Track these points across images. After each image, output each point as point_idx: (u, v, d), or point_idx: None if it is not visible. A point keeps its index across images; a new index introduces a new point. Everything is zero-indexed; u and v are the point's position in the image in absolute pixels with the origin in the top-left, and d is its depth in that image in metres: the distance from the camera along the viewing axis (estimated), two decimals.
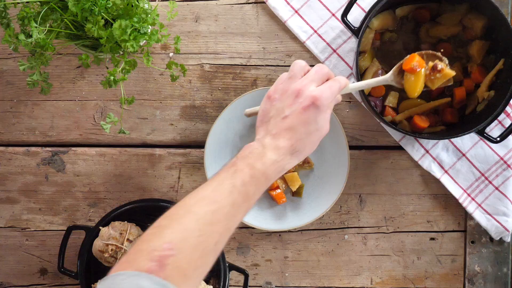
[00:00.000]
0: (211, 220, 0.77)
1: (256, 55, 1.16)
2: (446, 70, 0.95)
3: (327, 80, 0.89)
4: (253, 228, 1.15)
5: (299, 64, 0.89)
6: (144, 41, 1.00)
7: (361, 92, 1.05)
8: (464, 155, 1.16)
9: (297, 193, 1.15)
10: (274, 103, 0.87)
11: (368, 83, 0.97)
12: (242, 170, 0.81)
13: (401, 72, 0.97)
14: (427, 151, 1.15)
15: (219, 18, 1.16)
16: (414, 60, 0.94)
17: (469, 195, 1.16)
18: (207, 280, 1.11)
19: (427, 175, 1.17)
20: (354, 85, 0.95)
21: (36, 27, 0.93)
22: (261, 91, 1.12)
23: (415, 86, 0.96)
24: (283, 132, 0.84)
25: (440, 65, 0.95)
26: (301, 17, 1.15)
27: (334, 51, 1.15)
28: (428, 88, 0.97)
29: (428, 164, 1.15)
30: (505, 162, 1.15)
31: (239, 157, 0.83)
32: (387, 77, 0.97)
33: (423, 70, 0.95)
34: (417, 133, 1.09)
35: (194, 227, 0.75)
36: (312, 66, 0.90)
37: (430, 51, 0.97)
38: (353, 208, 1.17)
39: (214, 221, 0.77)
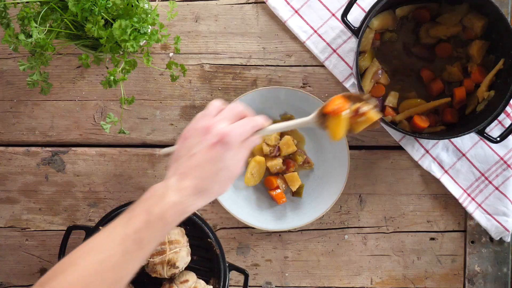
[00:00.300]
0: (96, 270, 0.73)
1: (256, 55, 1.16)
2: (370, 114, 0.87)
3: (242, 118, 0.84)
4: (253, 228, 1.15)
5: (214, 103, 0.86)
6: (144, 41, 1.00)
7: (361, 92, 1.05)
8: (464, 155, 1.16)
9: (297, 193, 1.15)
10: (185, 141, 0.83)
11: (289, 125, 0.90)
12: (137, 216, 0.77)
13: (324, 115, 0.88)
14: (427, 151, 1.16)
15: (219, 18, 1.16)
16: (336, 103, 0.86)
17: (469, 195, 1.16)
18: (207, 280, 1.11)
19: (427, 175, 1.17)
20: (274, 127, 0.88)
21: (36, 27, 0.93)
22: (261, 91, 1.12)
23: (337, 130, 0.87)
24: (189, 170, 0.80)
25: (364, 108, 0.87)
26: (301, 17, 1.15)
27: (334, 51, 1.15)
28: (352, 132, 0.89)
29: (428, 164, 1.15)
30: (505, 162, 1.15)
31: (140, 200, 0.80)
32: (309, 119, 0.89)
33: (345, 113, 0.86)
34: (417, 133, 1.09)
35: (77, 280, 0.72)
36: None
37: (355, 94, 0.89)
38: (353, 208, 1.17)
39: (101, 271, 0.73)
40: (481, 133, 1.05)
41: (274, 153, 1.13)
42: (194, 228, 1.09)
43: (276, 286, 1.18)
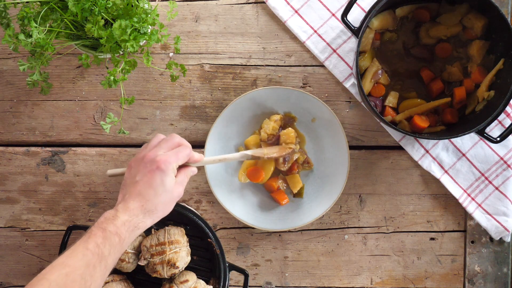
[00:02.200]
0: (64, 282, 0.81)
1: (256, 55, 1.16)
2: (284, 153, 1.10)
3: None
4: (253, 228, 1.15)
5: (156, 136, 0.99)
6: (144, 41, 1.00)
7: (361, 92, 1.05)
8: (464, 155, 1.16)
9: (299, 194, 1.15)
10: (130, 170, 0.96)
11: (225, 157, 1.06)
12: (95, 234, 0.87)
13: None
14: (427, 151, 1.16)
15: (219, 18, 1.16)
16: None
17: (469, 195, 1.16)
18: (207, 280, 1.11)
19: (427, 175, 1.17)
20: (209, 159, 1.04)
21: (36, 27, 0.93)
22: (261, 91, 1.12)
23: (267, 171, 1.12)
24: (134, 195, 0.92)
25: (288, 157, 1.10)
26: (301, 17, 1.15)
27: (334, 51, 1.15)
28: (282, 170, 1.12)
29: (428, 164, 1.15)
30: (505, 162, 1.15)
31: (95, 224, 0.90)
32: (241, 155, 1.08)
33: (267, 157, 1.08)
34: (417, 133, 1.09)
35: None
36: None
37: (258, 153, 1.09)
38: (353, 208, 1.17)
39: (68, 282, 0.81)
40: (481, 133, 1.05)
41: (272, 141, 1.13)
42: (194, 228, 1.09)
43: (276, 286, 1.18)
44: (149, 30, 1.00)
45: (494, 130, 1.14)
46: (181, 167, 0.98)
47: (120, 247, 0.89)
